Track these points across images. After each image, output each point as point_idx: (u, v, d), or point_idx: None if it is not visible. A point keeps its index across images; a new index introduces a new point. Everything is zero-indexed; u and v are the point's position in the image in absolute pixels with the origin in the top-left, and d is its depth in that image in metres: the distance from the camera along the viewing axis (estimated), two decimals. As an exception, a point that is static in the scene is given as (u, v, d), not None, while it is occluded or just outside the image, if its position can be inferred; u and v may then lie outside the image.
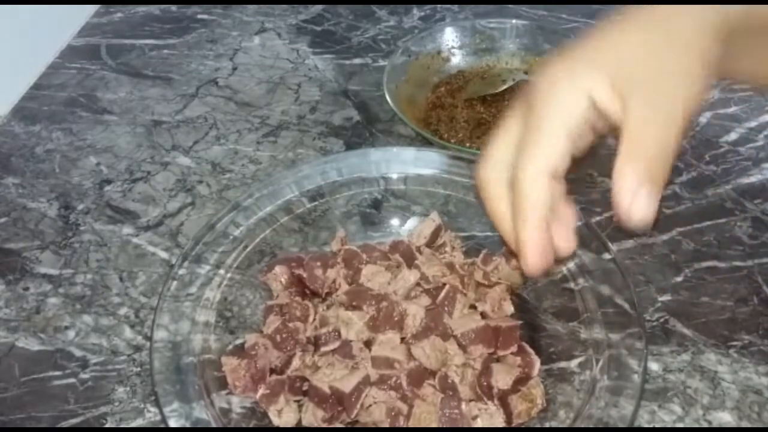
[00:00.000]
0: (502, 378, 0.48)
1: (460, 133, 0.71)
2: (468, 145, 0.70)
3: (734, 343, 0.54)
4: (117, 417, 0.51)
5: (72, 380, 0.53)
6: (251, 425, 0.49)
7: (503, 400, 0.47)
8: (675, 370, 0.52)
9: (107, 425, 0.50)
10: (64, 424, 0.51)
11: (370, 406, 0.47)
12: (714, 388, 0.51)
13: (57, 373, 0.54)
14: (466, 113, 0.74)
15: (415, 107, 0.75)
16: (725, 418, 0.49)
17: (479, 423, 0.46)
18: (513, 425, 0.47)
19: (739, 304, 0.56)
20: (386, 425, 0.46)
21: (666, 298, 0.57)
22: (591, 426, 0.45)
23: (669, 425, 0.49)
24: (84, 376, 0.53)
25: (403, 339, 0.50)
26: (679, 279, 0.58)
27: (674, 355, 0.53)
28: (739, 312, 0.56)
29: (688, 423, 0.49)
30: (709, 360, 0.53)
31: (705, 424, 0.49)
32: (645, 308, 0.56)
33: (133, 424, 0.50)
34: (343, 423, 0.47)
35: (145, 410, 0.51)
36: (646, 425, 0.49)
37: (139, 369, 0.54)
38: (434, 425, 0.46)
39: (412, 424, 0.46)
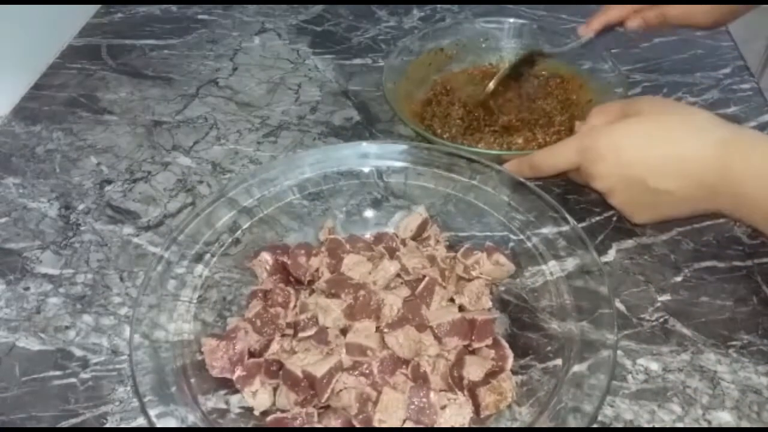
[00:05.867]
0: (474, 370, 0.49)
1: (453, 129, 0.72)
2: (460, 141, 0.70)
3: (734, 342, 0.54)
4: (117, 417, 0.51)
5: (72, 380, 0.53)
6: (249, 425, 0.49)
7: (472, 391, 0.48)
8: (674, 370, 0.52)
9: (107, 425, 0.50)
10: (65, 423, 0.51)
11: (341, 391, 0.49)
12: (713, 387, 0.51)
13: (57, 372, 0.54)
14: (462, 111, 0.74)
15: (412, 102, 0.76)
16: (725, 418, 0.49)
17: (447, 413, 0.48)
18: (481, 416, 0.48)
19: (739, 304, 0.56)
20: (355, 410, 0.48)
21: (665, 298, 0.57)
22: (588, 424, 0.45)
23: (669, 425, 0.49)
24: (84, 375, 0.53)
25: (378, 328, 0.51)
26: (678, 279, 0.58)
27: (674, 354, 0.53)
28: (738, 312, 0.56)
29: (687, 423, 0.49)
30: (709, 360, 0.53)
31: (705, 424, 0.49)
32: (645, 308, 0.56)
33: (134, 424, 0.51)
34: (315, 407, 0.48)
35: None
36: (646, 425, 0.49)
37: (139, 369, 0.54)
38: (401, 413, 0.47)
39: (379, 410, 0.47)
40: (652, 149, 0.54)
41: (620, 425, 0.49)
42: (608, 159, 0.56)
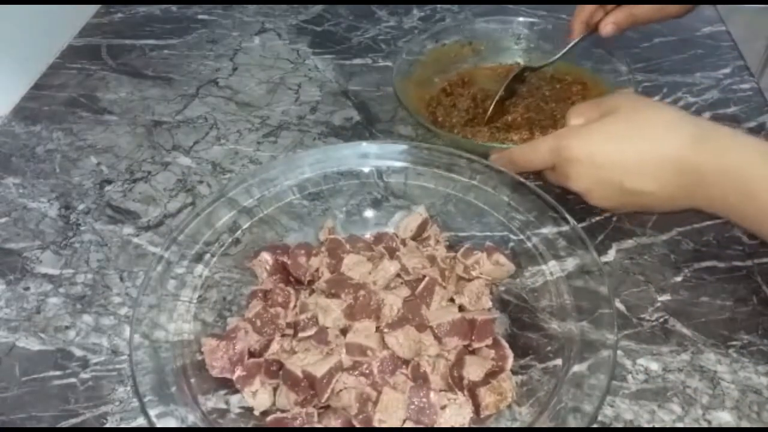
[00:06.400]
0: (474, 370, 0.49)
1: (454, 119, 0.72)
2: (456, 131, 0.70)
3: (734, 342, 0.54)
4: (117, 417, 0.51)
5: (72, 380, 0.53)
6: (249, 425, 0.49)
7: (472, 391, 0.48)
8: (675, 370, 0.52)
9: (107, 425, 0.50)
10: (65, 423, 0.51)
11: (341, 391, 0.49)
12: (713, 387, 0.51)
13: (57, 372, 0.54)
14: (468, 104, 0.74)
15: (424, 89, 0.76)
16: (725, 418, 0.49)
17: (447, 413, 0.48)
18: (481, 416, 0.48)
19: (739, 304, 0.56)
20: (355, 410, 0.48)
21: (666, 298, 0.57)
22: (588, 424, 0.45)
23: (669, 425, 0.49)
24: (84, 375, 0.53)
25: (378, 328, 0.51)
26: (678, 279, 0.58)
27: (674, 354, 0.53)
28: (738, 312, 0.56)
29: (687, 423, 0.49)
30: (709, 360, 0.53)
31: (705, 424, 0.49)
32: (645, 308, 0.56)
33: (134, 424, 0.51)
34: (315, 407, 0.48)
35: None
36: (646, 425, 0.49)
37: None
38: (401, 413, 0.47)
39: (379, 410, 0.47)
40: (625, 150, 0.54)
41: (620, 425, 0.49)
42: (582, 160, 0.55)
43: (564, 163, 0.57)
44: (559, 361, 0.50)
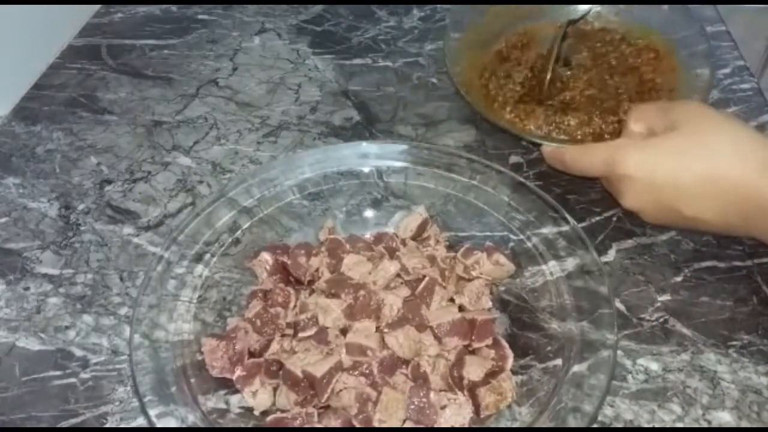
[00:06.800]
0: (474, 370, 0.49)
1: (508, 94, 0.67)
2: (509, 110, 0.65)
3: (734, 342, 0.54)
4: (117, 417, 0.51)
5: (72, 380, 0.53)
6: (249, 425, 0.49)
7: (472, 391, 0.48)
8: (674, 370, 0.52)
9: (107, 425, 0.50)
10: (65, 424, 0.51)
11: (341, 391, 0.49)
12: (713, 387, 0.51)
13: (57, 372, 0.54)
14: (524, 75, 0.68)
15: (478, 51, 0.70)
16: (725, 418, 0.49)
17: (447, 413, 0.48)
18: (481, 416, 0.48)
19: (739, 304, 0.56)
20: (355, 410, 0.48)
21: (665, 297, 0.57)
22: (588, 424, 0.45)
23: (669, 425, 0.49)
24: (84, 375, 0.53)
25: (378, 328, 0.51)
26: (678, 279, 0.58)
27: (674, 354, 0.53)
28: (738, 312, 0.56)
29: (687, 423, 0.49)
30: (709, 360, 0.53)
31: (705, 424, 0.49)
32: (645, 308, 0.56)
33: (134, 424, 0.51)
34: (315, 407, 0.48)
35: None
36: (646, 425, 0.49)
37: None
38: (401, 413, 0.47)
39: (379, 410, 0.47)
40: (684, 173, 0.51)
41: (620, 425, 0.49)
42: (637, 179, 0.53)
43: (617, 179, 0.55)
44: (559, 361, 0.50)
